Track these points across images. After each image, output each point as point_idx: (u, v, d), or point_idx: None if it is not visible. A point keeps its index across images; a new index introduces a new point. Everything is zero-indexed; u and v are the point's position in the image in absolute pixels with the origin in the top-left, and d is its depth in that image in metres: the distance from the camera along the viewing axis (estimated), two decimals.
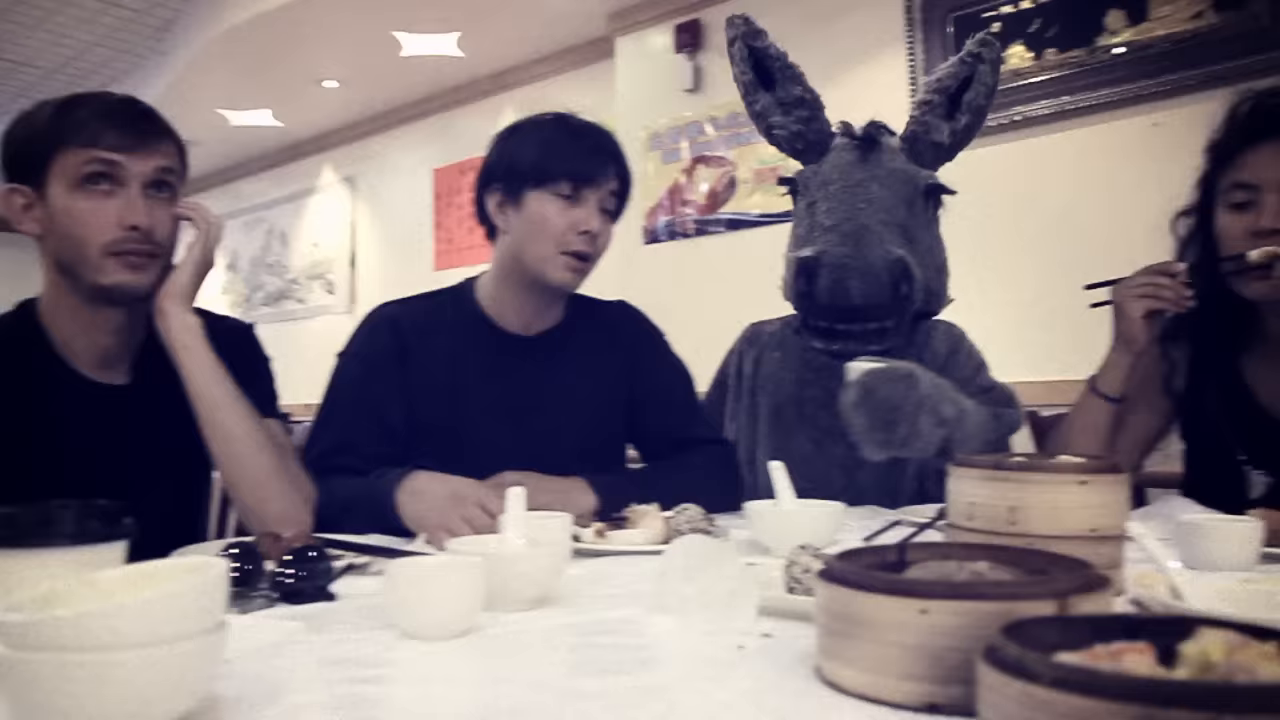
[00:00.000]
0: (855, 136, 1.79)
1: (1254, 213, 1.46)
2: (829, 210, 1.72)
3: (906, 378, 1.49)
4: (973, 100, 1.75)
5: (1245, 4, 2.98)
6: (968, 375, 1.77)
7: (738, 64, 1.83)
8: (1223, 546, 1.07)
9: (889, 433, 1.49)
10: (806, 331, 1.70)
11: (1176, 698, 0.42)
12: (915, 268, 1.66)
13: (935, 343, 1.80)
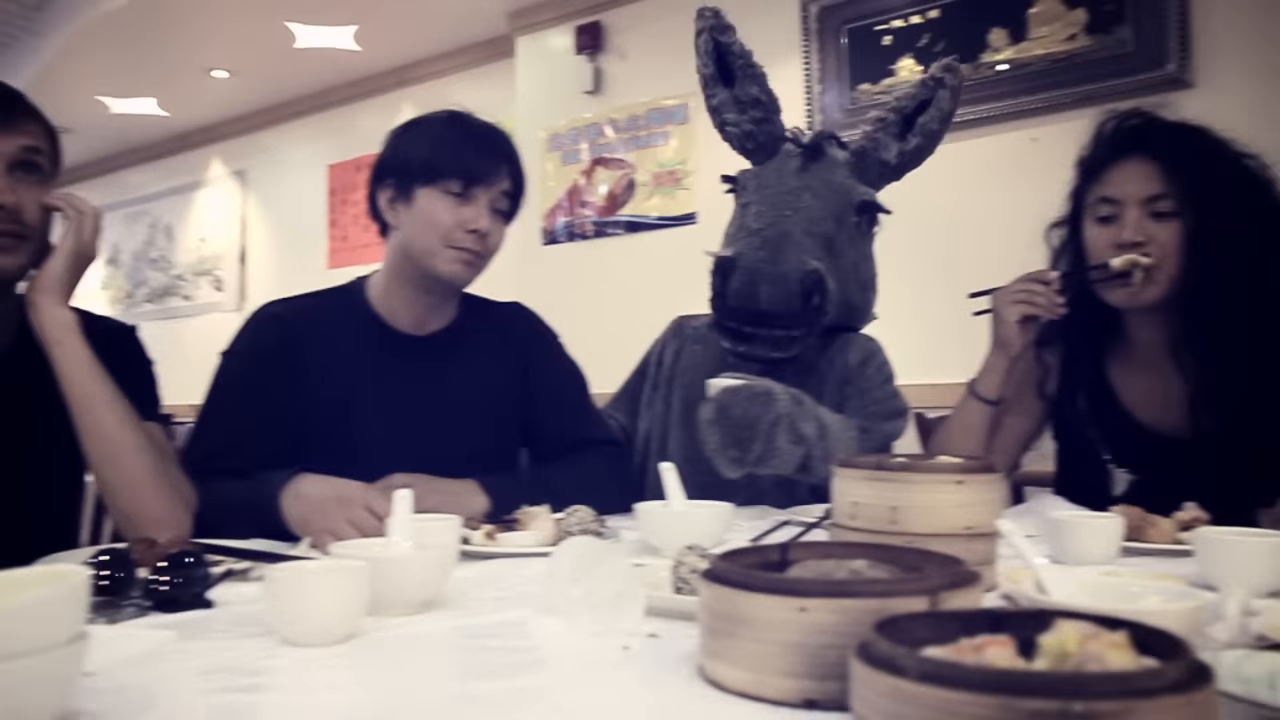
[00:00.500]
0: (801, 144, 1.81)
1: (1117, 225, 1.54)
2: (758, 214, 1.74)
3: (763, 395, 1.50)
4: (927, 124, 1.79)
5: (1114, 29, 3.15)
6: (873, 387, 1.80)
7: (701, 56, 1.83)
8: (1087, 541, 1.13)
9: (743, 451, 1.50)
10: (717, 331, 1.72)
11: (1031, 687, 0.44)
12: (830, 281, 1.67)
13: (848, 354, 1.82)
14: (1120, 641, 0.52)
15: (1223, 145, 1.52)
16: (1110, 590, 0.79)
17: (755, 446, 1.49)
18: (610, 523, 1.33)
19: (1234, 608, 0.73)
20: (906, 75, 3.54)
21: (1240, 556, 0.99)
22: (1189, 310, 1.50)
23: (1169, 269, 1.50)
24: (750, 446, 1.49)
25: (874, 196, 1.81)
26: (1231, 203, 1.46)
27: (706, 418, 1.53)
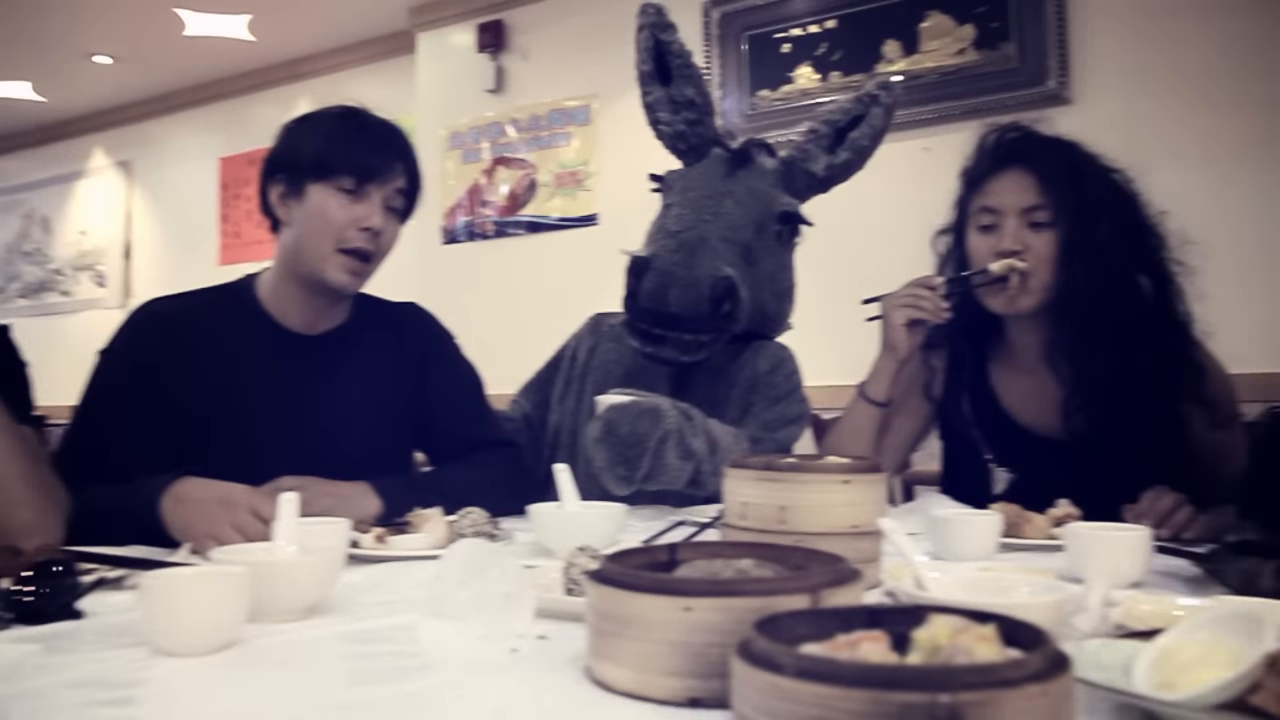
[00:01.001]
0: (730, 150, 1.82)
1: (997, 234, 1.60)
2: (679, 217, 1.74)
3: (650, 412, 1.51)
4: (857, 139, 1.81)
5: (1000, 46, 3.27)
6: (780, 395, 1.83)
7: (640, 52, 1.83)
8: (966, 538, 1.17)
9: (630, 469, 1.50)
10: (628, 331, 1.72)
11: (900, 681, 0.46)
12: (743, 289, 1.68)
13: (759, 360, 1.84)
14: (989, 635, 0.54)
15: (1092, 160, 1.60)
16: (985, 585, 0.82)
17: (643, 464, 1.49)
18: (504, 524, 1.32)
19: (1096, 599, 0.77)
20: (805, 83, 3.62)
21: (1104, 550, 1.04)
22: (1061, 317, 1.57)
23: (1044, 277, 1.57)
24: (638, 464, 1.49)
25: (796, 207, 1.83)
26: (1102, 215, 1.54)
27: (593, 436, 1.53)
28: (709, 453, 1.54)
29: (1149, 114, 3.01)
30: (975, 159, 1.67)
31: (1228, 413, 1.57)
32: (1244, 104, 2.92)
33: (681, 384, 1.79)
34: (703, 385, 1.77)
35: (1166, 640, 0.64)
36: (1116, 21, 3.14)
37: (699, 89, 1.83)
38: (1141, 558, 1.05)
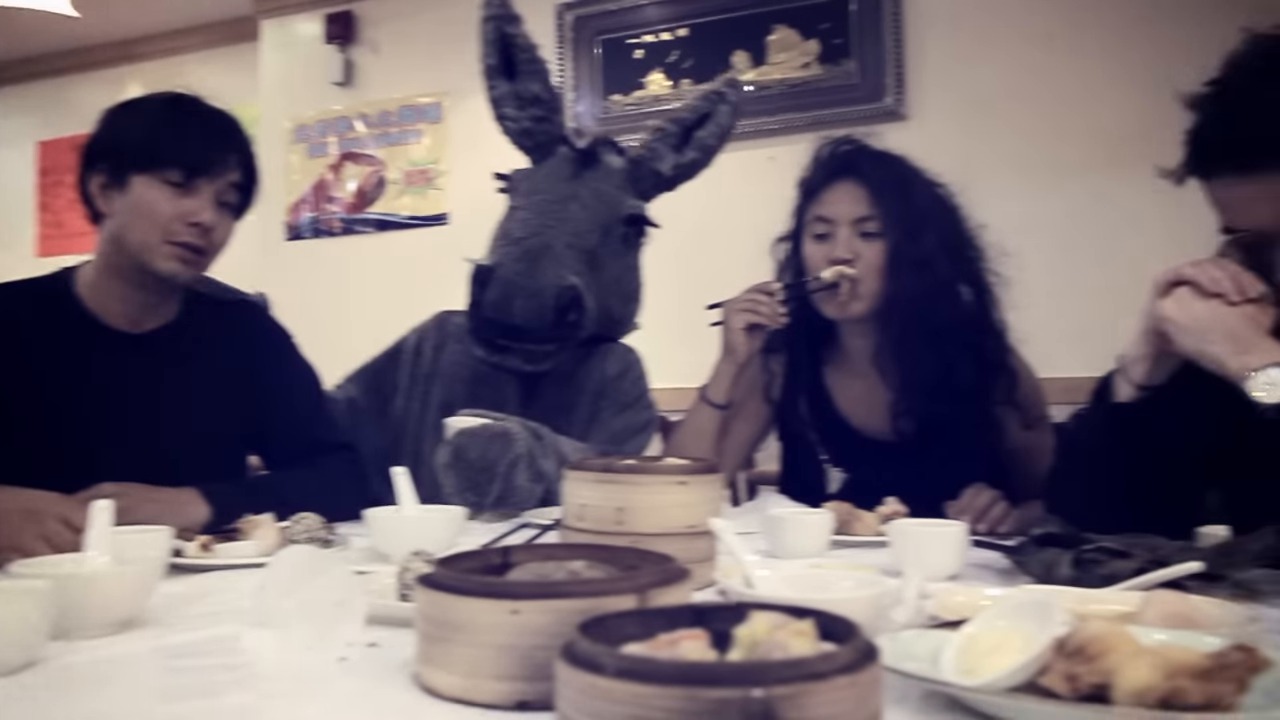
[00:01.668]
0: (577, 149, 1.79)
1: (830, 243, 1.66)
2: (523, 221, 1.71)
3: (500, 437, 1.50)
4: (704, 138, 1.82)
5: (842, 61, 3.41)
6: (628, 401, 1.83)
7: (485, 45, 1.78)
8: (799, 536, 1.21)
9: (480, 494, 1.49)
10: (472, 339, 1.69)
11: (715, 678, 0.47)
12: (587, 297, 1.68)
13: (606, 364, 1.84)
14: (806, 630, 0.56)
15: (919, 174, 1.69)
16: (811, 581, 0.85)
17: (493, 488, 1.49)
18: (341, 530, 1.29)
19: (911, 592, 0.81)
20: (656, 89, 3.66)
21: (923, 545, 1.10)
22: (889, 322, 1.65)
23: (873, 284, 1.64)
24: (488, 489, 1.49)
25: (643, 209, 1.84)
26: (926, 227, 1.62)
27: (442, 461, 1.51)
28: (559, 474, 1.54)
29: (976, 133, 3.19)
30: (811, 170, 1.73)
31: (1037, 414, 1.68)
32: (1061, 129, 3.14)
33: (529, 391, 1.78)
34: (551, 392, 1.77)
35: (970, 629, 0.68)
36: (949, 46, 3.31)
37: (546, 85, 1.81)
38: (958, 552, 1.11)
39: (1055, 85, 3.16)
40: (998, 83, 3.23)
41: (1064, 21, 3.17)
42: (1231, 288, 1.12)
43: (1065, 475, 1.34)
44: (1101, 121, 3.06)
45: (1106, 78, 3.08)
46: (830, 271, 1.63)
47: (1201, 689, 0.56)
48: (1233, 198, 1.13)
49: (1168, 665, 0.57)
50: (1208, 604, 0.82)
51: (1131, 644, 0.61)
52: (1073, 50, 3.15)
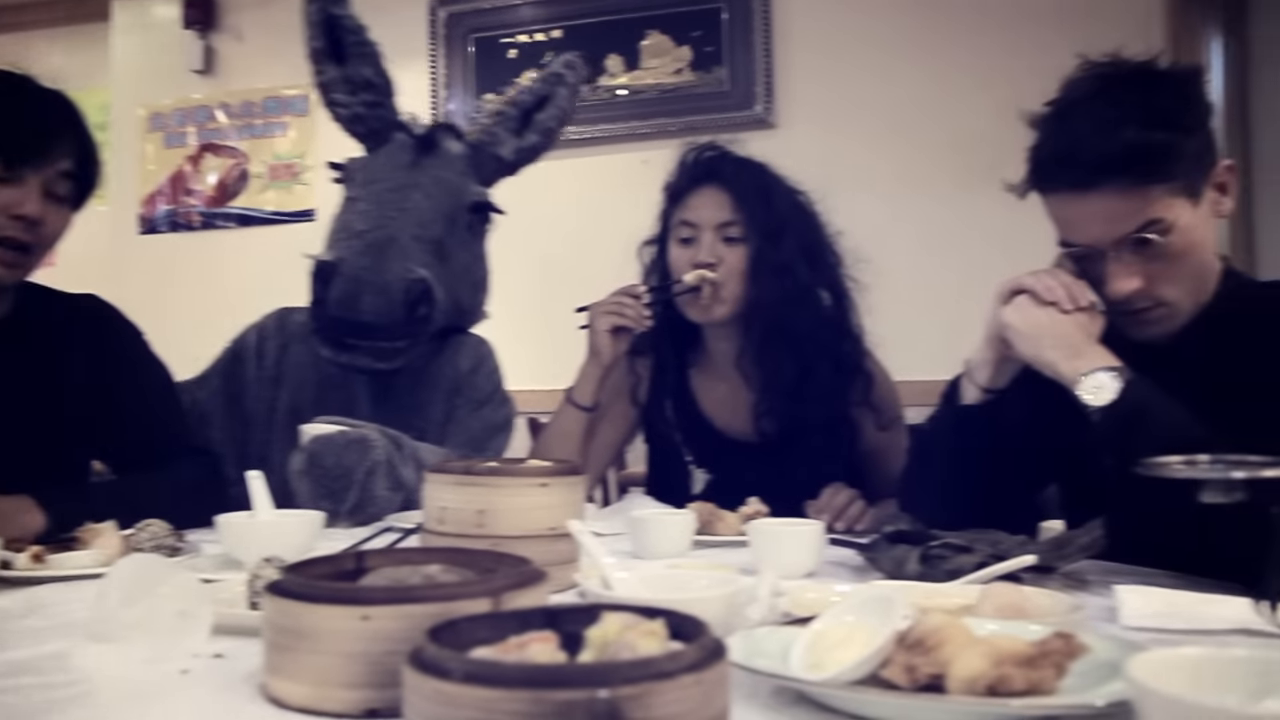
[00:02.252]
0: (414, 135, 1.72)
1: (695, 247, 1.69)
2: (364, 213, 1.65)
3: (358, 443, 1.46)
4: (545, 121, 1.78)
5: (713, 69, 3.47)
6: (484, 397, 1.80)
7: (310, 27, 1.71)
8: (662, 537, 1.22)
9: (337, 501, 1.44)
10: (317, 339, 1.62)
11: (561, 680, 0.47)
12: (437, 289, 1.63)
13: (459, 359, 1.80)
14: (657, 629, 0.57)
15: (780, 181, 1.73)
16: (668, 581, 0.86)
17: (349, 495, 1.44)
18: (191, 537, 1.24)
19: (765, 590, 0.83)
20: None
21: (779, 544, 1.13)
22: (751, 326, 1.69)
23: (735, 288, 1.67)
24: (344, 496, 1.44)
25: (487, 196, 1.80)
26: (787, 232, 1.66)
27: (297, 468, 1.46)
28: (419, 481, 1.51)
29: (839, 143, 3.29)
30: (676, 175, 1.75)
31: (893, 416, 1.75)
32: (919, 142, 3.27)
33: (380, 391, 1.73)
34: (403, 391, 1.73)
35: (818, 625, 0.70)
36: (817, 58, 3.41)
37: (377, 68, 1.75)
38: (814, 550, 1.14)
39: (915, 99, 3.30)
40: (861, 95, 3.35)
41: (924, 40, 3.31)
42: (1065, 296, 1.19)
43: (916, 474, 1.39)
44: (956, 136, 3.20)
45: (962, 94, 3.23)
46: (692, 275, 1.66)
47: (1025, 675, 0.59)
48: (1068, 213, 1.20)
49: (996, 654, 0.60)
50: (1038, 594, 0.87)
51: (966, 635, 0.64)
52: (931, 67, 3.29)
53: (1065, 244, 1.23)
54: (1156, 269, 1.17)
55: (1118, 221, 1.15)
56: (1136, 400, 1.09)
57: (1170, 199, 1.14)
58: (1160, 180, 1.13)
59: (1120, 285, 1.17)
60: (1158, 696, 0.47)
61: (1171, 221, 1.14)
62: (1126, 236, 1.15)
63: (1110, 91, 1.17)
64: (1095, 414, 1.10)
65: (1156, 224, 1.14)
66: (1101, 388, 1.10)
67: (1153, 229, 1.14)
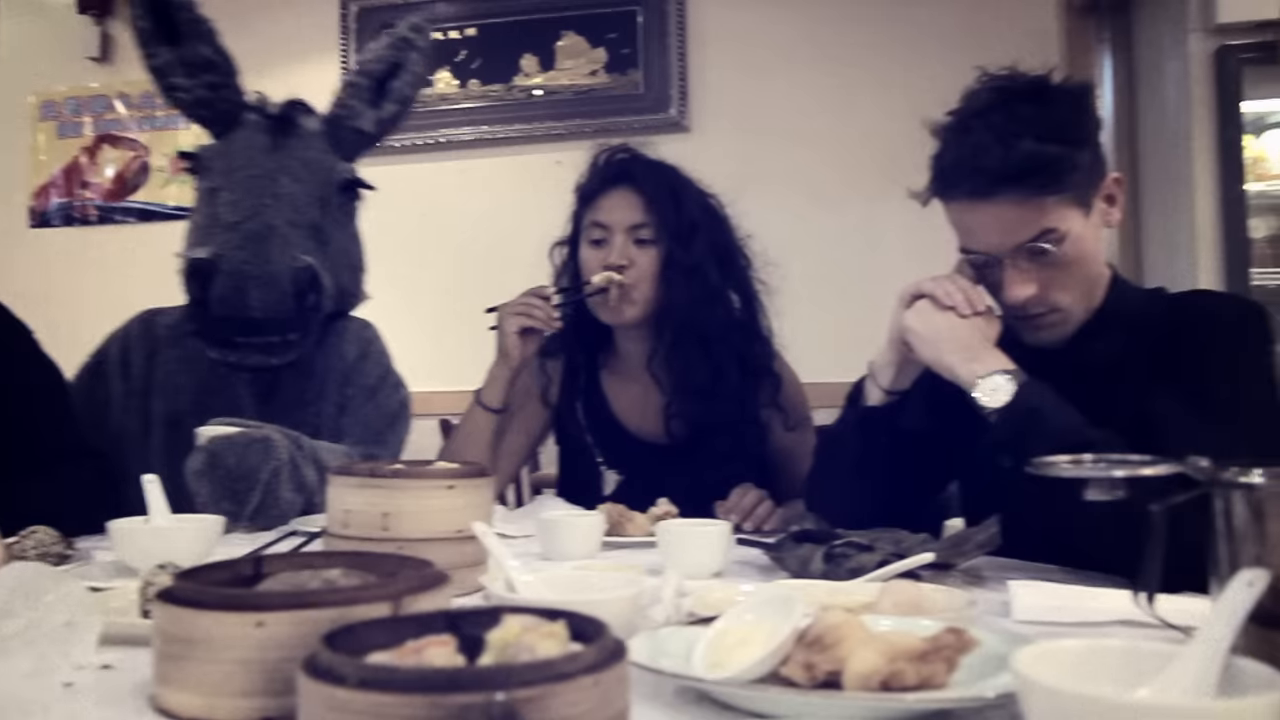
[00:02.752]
0: (269, 115, 1.65)
1: (606, 249, 1.69)
2: (233, 204, 1.57)
3: (261, 443, 1.42)
4: (400, 89, 1.71)
5: (628, 71, 3.49)
6: (374, 383, 1.76)
7: (135, 6, 1.60)
8: (571, 538, 1.22)
9: (239, 504, 1.39)
10: (200, 340, 1.56)
11: (456, 683, 0.47)
12: (324, 275, 1.59)
13: (345, 346, 1.75)
14: (557, 631, 0.57)
15: (690, 184, 1.74)
16: (574, 583, 0.86)
17: (253, 498, 1.40)
18: (81, 544, 1.19)
19: (669, 590, 0.84)
20: (444, 88, 3.61)
21: (686, 544, 1.14)
22: (662, 328, 1.69)
23: (647, 290, 1.68)
24: (247, 499, 1.40)
25: (355, 173, 1.73)
26: (697, 235, 1.68)
27: (195, 469, 1.41)
28: (321, 483, 1.47)
29: (750, 148, 3.34)
30: (588, 176, 1.75)
31: (801, 417, 1.78)
32: (829, 148, 3.35)
33: (266, 389, 1.67)
34: (289, 387, 1.67)
35: (720, 624, 0.71)
36: (731, 62, 3.45)
37: (215, 47, 1.65)
38: (721, 550, 1.15)
39: (824, 106, 3.37)
40: (773, 101, 3.41)
41: (833, 49, 3.39)
42: (962, 301, 1.23)
43: (822, 475, 1.42)
44: (863, 143, 3.28)
45: (868, 102, 3.31)
46: (600, 277, 1.66)
47: (917, 670, 0.61)
48: (967, 221, 1.24)
49: (890, 650, 0.62)
50: (936, 591, 0.89)
51: (862, 632, 0.65)
52: (840, 75, 3.37)
53: (965, 251, 1.27)
54: (1050, 276, 1.21)
55: (1015, 230, 1.19)
56: (1029, 402, 1.13)
57: (1064, 209, 1.19)
58: (1055, 191, 1.17)
59: (1017, 291, 1.21)
60: (1039, 687, 0.49)
61: (1065, 231, 1.19)
62: (1023, 245, 1.19)
63: (1008, 104, 1.20)
64: (991, 415, 1.14)
65: (1051, 233, 1.19)
66: (997, 390, 1.14)
67: (1047, 238, 1.19)
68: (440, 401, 2.97)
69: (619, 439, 1.77)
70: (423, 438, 3.19)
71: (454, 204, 3.62)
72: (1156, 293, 1.34)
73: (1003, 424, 1.13)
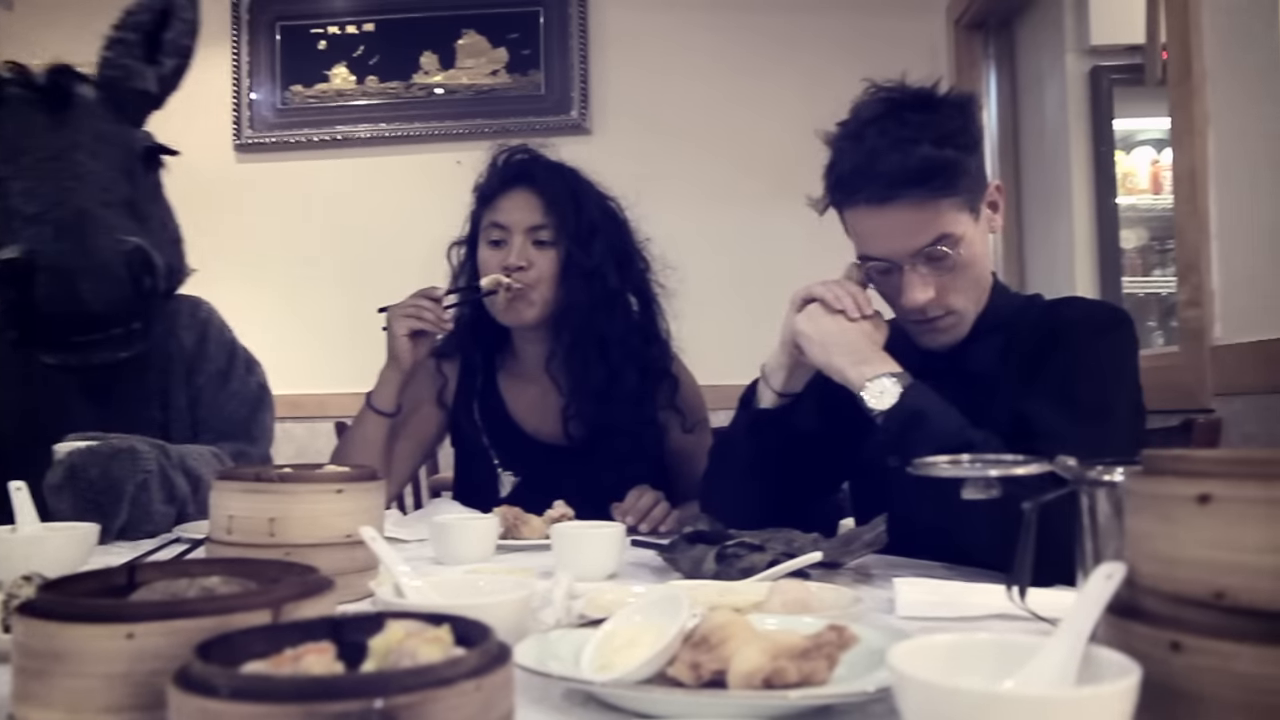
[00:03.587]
0: (35, 86, 1.50)
1: (505, 249, 1.68)
2: (28, 193, 1.43)
3: (127, 454, 1.36)
4: (175, 39, 1.60)
5: (530, 72, 3.47)
6: (223, 365, 1.68)
7: None
8: (464, 542, 1.21)
9: (106, 518, 1.31)
10: (33, 346, 1.45)
11: (334, 691, 0.46)
12: (155, 254, 1.48)
13: (180, 331, 1.66)
14: (442, 636, 0.56)
15: (590, 186, 1.75)
16: (464, 587, 0.85)
17: (120, 511, 1.33)
18: None
19: (560, 593, 0.84)
20: (340, 83, 3.54)
21: (580, 546, 1.14)
22: (560, 330, 1.69)
23: (544, 292, 1.68)
24: (115, 511, 1.33)
25: (154, 139, 1.63)
26: (596, 237, 1.68)
27: (53, 484, 1.34)
28: (192, 491, 1.40)
29: (651, 151, 3.36)
30: (487, 177, 1.74)
31: (698, 419, 1.80)
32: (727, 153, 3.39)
33: (99, 390, 1.56)
34: (128, 383, 1.58)
35: (609, 626, 0.71)
36: (632, 66, 3.47)
37: None
38: (615, 552, 1.16)
39: (723, 111, 3.42)
40: (673, 105, 3.44)
41: (733, 56, 3.43)
42: (851, 305, 1.26)
43: (716, 476, 1.44)
44: (760, 148, 3.33)
45: (766, 108, 3.37)
46: (488, 280, 1.65)
47: (799, 667, 0.62)
48: (866, 227, 1.27)
49: (774, 648, 0.63)
50: (823, 589, 0.91)
51: (747, 631, 0.66)
52: (739, 82, 3.42)
53: (864, 258, 1.30)
54: (947, 280, 1.26)
55: (913, 234, 1.23)
56: (914, 404, 1.17)
57: (957, 214, 1.24)
58: (950, 194, 1.22)
59: (917, 296, 1.25)
60: (911, 681, 0.50)
61: (960, 235, 1.24)
62: (921, 249, 1.23)
63: (898, 113, 1.25)
64: (877, 417, 1.17)
65: (947, 238, 1.23)
66: (884, 392, 1.17)
67: (945, 242, 1.23)
68: (336, 404, 2.91)
69: (516, 441, 1.76)
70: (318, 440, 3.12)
71: (351, 202, 3.55)
72: (1033, 299, 1.40)
73: (888, 425, 1.17)
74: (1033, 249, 3.25)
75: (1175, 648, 0.52)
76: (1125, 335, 1.27)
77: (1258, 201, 1.74)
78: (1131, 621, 0.55)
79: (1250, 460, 0.54)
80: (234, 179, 3.55)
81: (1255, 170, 1.74)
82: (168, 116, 1.72)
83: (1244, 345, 1.75)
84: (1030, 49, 3.23)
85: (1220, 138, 1.84)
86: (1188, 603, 0.53)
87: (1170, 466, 0.57)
